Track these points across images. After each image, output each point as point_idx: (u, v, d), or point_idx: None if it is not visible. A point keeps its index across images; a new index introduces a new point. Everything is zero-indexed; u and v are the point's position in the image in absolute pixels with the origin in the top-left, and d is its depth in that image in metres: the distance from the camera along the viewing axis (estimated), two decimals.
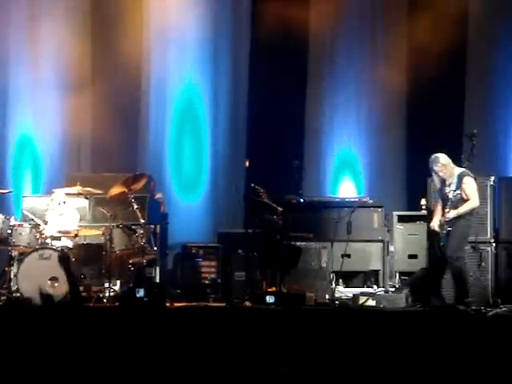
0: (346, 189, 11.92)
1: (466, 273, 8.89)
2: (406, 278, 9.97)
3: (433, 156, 8.94)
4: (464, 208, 8.82)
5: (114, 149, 11.66)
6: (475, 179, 8.89)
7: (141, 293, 9.26)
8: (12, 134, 11.95)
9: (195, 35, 12.08)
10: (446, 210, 8.78)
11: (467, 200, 8.80)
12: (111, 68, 11.86)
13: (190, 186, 12.27)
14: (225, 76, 12.28)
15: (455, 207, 8.78)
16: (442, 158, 8.90)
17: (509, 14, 11.64)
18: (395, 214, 10.33)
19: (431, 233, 9.07)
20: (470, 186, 8.86)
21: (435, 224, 8.87)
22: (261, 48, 12.06)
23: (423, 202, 10.11)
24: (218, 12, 12.17)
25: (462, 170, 8.91)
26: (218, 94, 12.31)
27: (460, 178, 8.83)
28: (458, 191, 8.81)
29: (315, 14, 12.08)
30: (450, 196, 8.80)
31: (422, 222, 9.98)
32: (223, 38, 12.23)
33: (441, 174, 8.87)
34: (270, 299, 9.26)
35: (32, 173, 11.96)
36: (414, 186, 11.05)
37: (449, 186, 8.84)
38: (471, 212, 8.89)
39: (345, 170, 12.05)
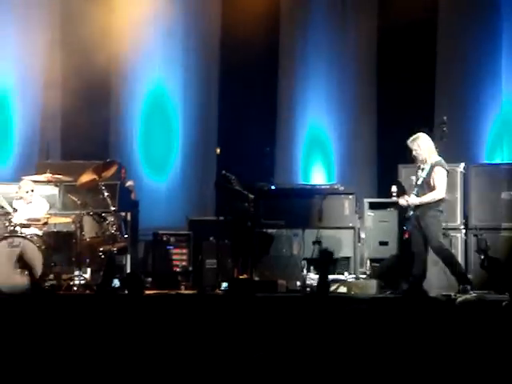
0: (318, 176, 11.93)
1: (455, 257, 8.96)
2: (376, 264, 10.01)
3: (415, 135, 8.93)
4: (426, 197, 8.77)
5: (84, 136, 11.57)
6: (448, 172, 8.86)
7: (116, 283, 9.24)
8: None
9: (166, 21, 12.00)
10: (409, 194, 8.81)
11: (434, 189, 8.80)
12: (80, 56, 11.70)
13: (161, 173, 12.23)
14: (195, 63, 12.23)
15: (420, 194, 8.80)
16: (421, 140, 8.87)
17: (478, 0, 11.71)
18: (366, 200, 10.34)
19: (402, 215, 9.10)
20: (440, 176, 8.81)
21: (402, 201, 8.88)
22: (231, 32, 12.01)
23: (394, 188, 10.13)
24: None
25: (439, 159, 8.88)
26: (189, 81, 12.25)
27: (432, 166, 8.81)
28: (425, 177, 8.78)
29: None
30: (419, 182, 8.82)
31: (392, 209, 10.00)
32: (193, 23, 12.17)
33: (414, 153, 8.87)
34: (223, 286, 9.33)
35: (1, 160, 11.86)
36: (385, 173, 11.09)
37: (421, 171, 8.84)
38: (439, 203, 8.84)
39: (316, 157, 12.05)
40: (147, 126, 12.22)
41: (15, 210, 9.82)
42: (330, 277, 9.84)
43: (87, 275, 9.80)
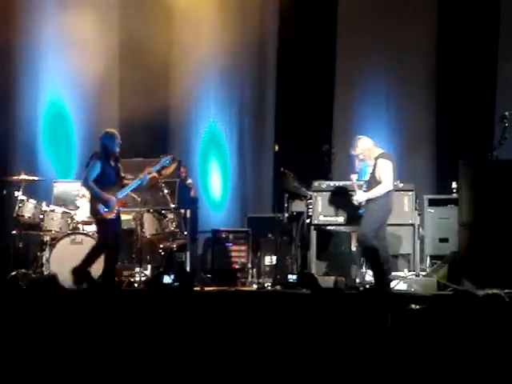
0: None
1: (377, 255, 8.74)
2: (436, 261, 9.91)
3: (354, 139, 8.85)
4: (374, 191, 8.67)
5: (142, 134, 11.64)
6: (392, 162, 8.74)
7: (168, 279, 9.30)
8: (42, 120, 12.02)
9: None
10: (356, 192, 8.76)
11: (380, 183, 8.67)
12: (137, 53, 11.73)
13: (219, 171, 12.28)
14: (252, 60, 12.21)
15: (369, 189, 8.74)
16: (361, 142, 8.77)
17: None
18: (426, 197, 10.27)
19: None
20: (384, 168, 8.68)
21: (358, 200, 8.81)
22: (288, 27, 12.01)
23: (454, 185, 10.05)
24: None
25: (381, 152, 8.79)
26: (245, 79, 12.26)
27: (376, 160, 8.71)
28: (371, 173, 8.71)
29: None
30: (367, 178, 8.78)
31: (453, 206, 9.91)
32: (249, 19, 12.13)
33: (361, 157, 8.77)
34: (292, 278, 9.34)
35: (62, 159, 12.04)
36: (445, 170, 11.00)
37: (368, 167, 8.79)
38: (387, 195, 8.71)
39: None
40: (204, 124, 12.26)
41: (77, 208, 9.98)
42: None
43: (148, 272, 9.91)
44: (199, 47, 11.99)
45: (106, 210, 8.68)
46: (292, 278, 9.44)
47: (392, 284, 9.14)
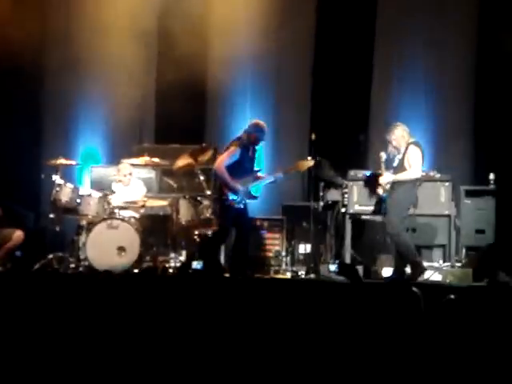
0: None
1: (411, 246, 8.83)
2: (472, 253, 9.86)
3: (391, 125, 9.01)
4: (401, 175, 8.78)
5: (179, 120, 11.64)
6: (422, 152, 8.83)
7: (198, 265, 9.36)
8: (78, 107, 12.07)
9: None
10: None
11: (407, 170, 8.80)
12: (177, 44, 11.70)
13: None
14: (288, 49, 12.13)
15: (395, 174, 8.84)
16: (397, 129, 8.90)
17: None
18: (463, 188, 10.20)
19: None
20: (414, 155, 8.79)
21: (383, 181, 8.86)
22: (326, 15, 11.94)
23: (492, 176, 9.97)
24: None
25: (413, 140, 8.91)
26: (281, 68, 12.20)
27: (407, 146, 8.82)
28: (400, 158, 8.84)
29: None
30: (395, 164, 8.87)
31: (490, 197, 9.85)
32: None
33: (394, 143, 8.91)
34: (333, 267, 9.38)
35: (98, 144, 12.10)
36: (483, 160, 10.91)
37: (399, 154, 8.90)
38: (413, 183, 8.79)
39: None
40: (241, 111, 12.24)
41: (113, 193, 10.05)
42: (425, 264, 9.75)
43: (182, 258, 9.96)
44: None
45: (234, 198, 8.76)
46: (332, 268, 9.47)
47: (426, 274, 9.10)
